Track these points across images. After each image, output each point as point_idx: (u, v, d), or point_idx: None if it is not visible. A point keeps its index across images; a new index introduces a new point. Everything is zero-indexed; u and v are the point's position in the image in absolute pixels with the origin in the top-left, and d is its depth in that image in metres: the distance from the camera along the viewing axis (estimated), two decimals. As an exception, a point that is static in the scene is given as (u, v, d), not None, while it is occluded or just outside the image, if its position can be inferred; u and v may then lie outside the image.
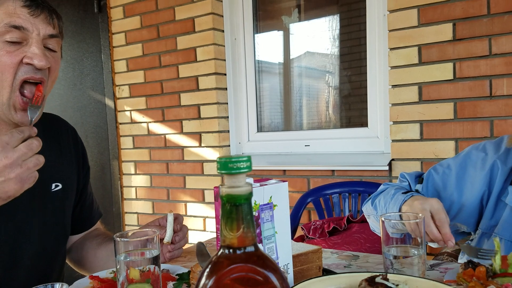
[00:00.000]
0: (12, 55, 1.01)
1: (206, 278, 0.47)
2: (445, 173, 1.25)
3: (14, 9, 1.01)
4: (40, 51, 1.03)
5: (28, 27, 1.02)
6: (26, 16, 1.02)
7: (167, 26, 2.96)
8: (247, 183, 0.47)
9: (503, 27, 1.97)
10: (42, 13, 1.05)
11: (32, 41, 1.03)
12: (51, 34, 1.07)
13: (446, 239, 1.01)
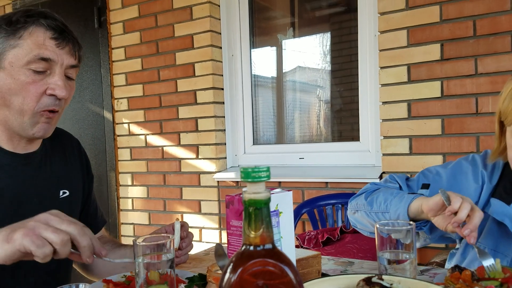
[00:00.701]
0: (38, 85, 1.09)
1: (231, 272, 0.55)
2: (435, 179, 1.29)
3: (43, 40, 1.08)
4: (62, 82, 1.11)
5: (55, 58, 1.10)
6: (53, 47, 1.09)
7: (166, 42, 3.06)
8: (266, 189, 0.56)
9: (488, 48, 2.09)
10: (67, 45, 1.12)
11: (55, 71, 1.11)
12: (73, 65, 1.15)
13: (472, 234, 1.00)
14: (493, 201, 1.19)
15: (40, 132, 1.15)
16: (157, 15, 3.07)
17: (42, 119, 1.13)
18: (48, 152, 1.28)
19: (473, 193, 1.23)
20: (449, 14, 2.16)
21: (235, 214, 0.87)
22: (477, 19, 2.10)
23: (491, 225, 1.19)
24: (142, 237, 0.90)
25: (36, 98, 1.10)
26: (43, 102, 1.11)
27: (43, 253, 0.87)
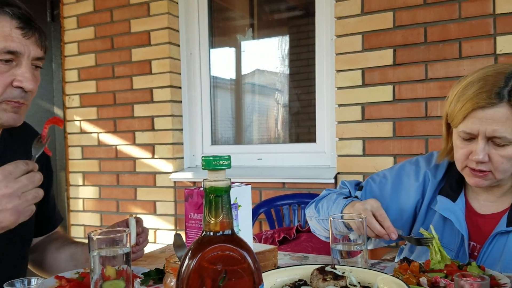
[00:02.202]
0: (4, 76, 1.04)
1: (190, 258, 0.55)
2: (381, 182, 1.36)
3: (9, 30, 1.04)
4: (30, 74, 1.07)
5: (21, 50, 1.05)
6: (19, 38, 1.05)
7: (122, 38, 2.99)
8: (227, 178, 0.56)
9: (438, 54, 2.20)
10: (33, 35, 1.08)
11: (22, 63, 1.06)
12: (40, 57, 1.10)
13: (390, 231, 1.10)
14: (439, 198, 1.26)
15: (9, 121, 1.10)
16: (112, 10, 3.00)
17: (9, 108, 1.08)
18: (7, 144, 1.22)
19: (414, 191, 1.31)
20: (402, 21, 2.25)
21: (194, 207, 0.86)
22: (428, 26, 2.20)
23: (438, 221, 1.26)
24: (98, 231, 0.87)
25: (1, 89, 1.05)
26: (8, 93, 1.06)
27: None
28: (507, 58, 2.04)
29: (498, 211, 1.22)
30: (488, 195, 1.24)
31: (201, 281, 0.54)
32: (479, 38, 2.10)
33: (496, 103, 1.08)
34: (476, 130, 1.10)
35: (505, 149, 1.10)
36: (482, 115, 1.09)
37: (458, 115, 1.14)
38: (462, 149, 1.16)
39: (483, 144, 1.10)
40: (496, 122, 1.08)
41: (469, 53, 2.12)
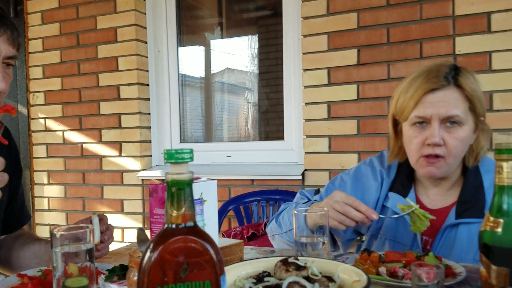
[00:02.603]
0: None
1: (151, 251, 0.56)
2: (341, 185, 1.39)
3: None
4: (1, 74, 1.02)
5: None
6: None
7: (88, 35, 2.94)
8: (189, 171, 0.57)
9: (400, 54, 2.27)
10: (5, 33, 1.03)
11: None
12: (12, 56, 1.06)
13: (369, 213, 1.08)
14: (391, 195, 1.31)
15: None
16: (78, 6, 2.95)
17: None
18: None
19: (375, 190, 1.35)
20: (366, 21, 2.32)
21: (159, 202, 0.87)
22: (390, 27, 2.27)
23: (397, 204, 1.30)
24: (60, 227, 0.87)
25: None
26: None
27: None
28: (466, 59, 2.13)
29: (446, 205, 1.27)
30: (437, 189, 1.29)
31: (162, 273, 0.55)
32: (439, 38, 2.18)
33: (445, 85, 1.15)
34: (429, 113, 1.15)
35: (457, 131, 1.16)
36: (433, 99, 1.15)
37: (409, 104, 1.19)
38: (416, 138, 1.19)
39: (438, 126, 1.15)
40: (447, 103, 1.14)
41: (430, 53, 2.20)
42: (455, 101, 1.15)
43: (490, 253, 0.77)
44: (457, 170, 1.27)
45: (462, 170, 1.28)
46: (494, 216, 0.77)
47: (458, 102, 1.15)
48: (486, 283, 0.78)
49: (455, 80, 1.16)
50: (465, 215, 1.20)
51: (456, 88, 1.16)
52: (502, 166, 0.76)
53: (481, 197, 1.21)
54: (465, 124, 1.17)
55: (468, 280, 1.01)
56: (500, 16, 2.05)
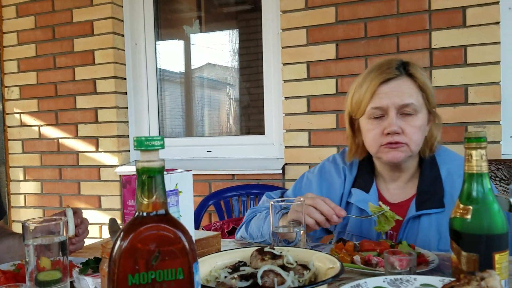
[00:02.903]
0: None
1: (122, 239, 0.55)
2: (307, 184, 1.42)
3: None
4: None
5: None
6: None
7: (64, 28, 2.88)
8: (160, 158, 0.57)
9: (377, 49, 2.29)
10: None
11: None
12: None
13: (338, 210, 1.10)
14: (354, 191, 1.34)
15: None
16: None
17: None
18: None
19: (339, 186, 1.38)
20: (344, 16, 2.33)
21: (132, 194, 0.86)
22: (368, 22, 2.29)
23: (355, 213, 1.33)
24: (33, 219, 0.85)
25: None
26: None
27: None
28: (442, 53, 2.16)
29: (406, 198, 1.30)
30: (396, 183, 1.32)
31: (133, 262, 0.54)
32: (416, 33, 2.21)
33: (398, 75, 1.21)
34: (385, 104, 1.19)
35: (413, 120, 1.20)
36: (387, 89, 1.20)
37: (365, 97, 1.22)
38: (374, 129, 1.23)
39: (395, 115, 1.19)
40: (401, 92, 1.19)
41: (406, 48, 2.23)
42: (409, 90, 1.20)
43: (460, 239, 0.79)
44: (414, 162, 1.31)
45: (418, 162, 1.32)
46: (464, 203, 0.79)
47: (411, 91, 1.20)
48: (457, 269, 0.80)
49: (406, 71, 1.22)
50: (425, 207, 1.23)
51: (408, 78, 1.21)
52: (471, 154, 0.78)
53: (439, 187, 1.24)
54: (420, 112, 1.21)
55: (440, 268, 1.03)
56: (475, 10, 2.09)
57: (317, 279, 0.79)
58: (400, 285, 0.78)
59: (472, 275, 0.67)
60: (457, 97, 2.14)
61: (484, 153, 0.78)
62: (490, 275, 0.66)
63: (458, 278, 0.69)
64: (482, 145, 0.77)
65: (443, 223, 1.22)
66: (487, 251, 0.77)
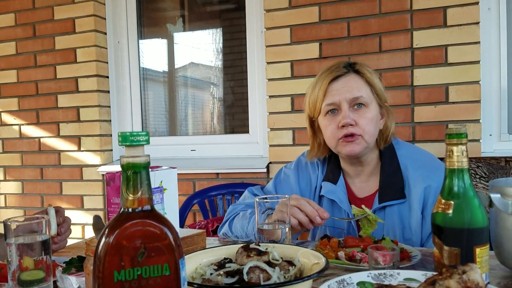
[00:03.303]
0: None
1: (107, 236, 0.54)
2: (285, 179, 1.48)
3: None
4: None
5: None
6: None
7: (45, 25, 2.84)
8: (145, 154, 0.56)
9: (360, 48, 2.31)
10: None
11: None
12: None
13: (321, 211, 1.15)
14: (323, 184, 1.41)
15: None
16: (34, -4, 2.85)
17: None
18: None
19: (314, 180, 1.45)
20: (327, 15, 2.35)
21: (116, 192, 0.86)
22: (351, 21, 2.31)
23: (327, 205, 1.40)
24: (15, 218, 0.84)
25: None
26: None
27: None
28: (423, 52, 2.20)
29: (371, 193, 1.37)
30: (360, 178, 1.39)
31: (119, 258, 0.54)
32: (398, 32, 2.23)
33: (346, 72, 1.31)
34: (337, 99, 1.28)
35: (365, 112, 1.28)
36: (338, 86, 1.29)
37: (319, 96, 1.31)
38: (331, 124, 1.31)
39: (347, 109, 1.27)
40: (351, 87, 1.28)
41: (388, 47, 2.25)
42: (357, 85, 1.29)
43: (442, 234, 0.80)
44: (373, 155, 1.37)
45: (379, 156, 1.38)
46: (445, 199, 0.81)
47: (360, 86, 1.29)
48: (439, 263, 0.82)
49: (354, 68, 1.32)
50: (387, 199, 1.30)
51: (356, 74, 1.31)
52: (452, 150, 0.79)
53: (399, 179, 1.31)
54: (370, 105, 1.29)
55: (423, 263, 1.05)
56: (456, 10, 2.13)
57: (302, 275, 0.80)
58: (384, 279, 0.79)
59: (454, 269, 0.68)
60: (438, 96, 2.18)
61: (465, 149, 0.79)
62: (471, 268, 0.68)
63: (440, 272, 0.70)
64: (462, 141, 0.79)
65: (405, 213, 1.28)
66: (469, 245, 0.78)
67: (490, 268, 0.86)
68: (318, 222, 1.13)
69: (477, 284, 0.66)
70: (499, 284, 0.87)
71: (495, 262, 0.97)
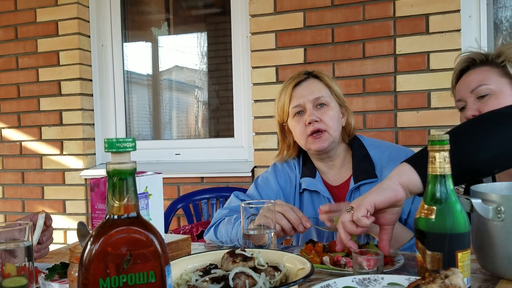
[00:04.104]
0: None
1: (92, 243, 0.54)
2: (265, 183, 1.55)
3: None
4: None
5: None
6: None
7: (27, 28, 2.80)
8: (132, 160, 0.56)
9: (344, 54, 2.34)
10: None
11: None
12: None
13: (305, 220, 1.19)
14: (302, 180, 1.51)
15: None
16: (16, -2, 2.81)
17: None
18: None
19: (294, 179, 1.54)
20: (312, 21, 2.37)
21: (101, 197, 0.85)
22: (335, 27, 2.34)
23: (308, 200, 1.49)
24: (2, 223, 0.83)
25: None
26: None
27: None
28: (406, 58, 2.23)
29: (346, 179, 1.49)
30: (332, 171, 1.50)
31: (104, 265, 0.53)
32: (381, 39, 2.27)
33: (307, 77, 1.47)
34: (302, 101, 1.42)
35: (327, 110, 1.42)
36: (300, 90, 1.44)
37: (285, 101, 1.45)
38: (299, 124, 1.43)
39: (311, 108, 1.41)
40: (312, 89, 1.43)
41: (372, 53, 2.28)
42: (317, 87, 1.44)
43: (425, 239, 0.82)
44: (340, 148, 1.50)
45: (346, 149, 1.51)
46: (428, 204, 0.82)
47: (320, 88, 1.44)
48: (422, 268, 0.83)
49: (313, 74, 1.48)
50: (361, 178, 1.43)
51: (315, 78, 1.47)
52: (434, 156, 0.81)
53: (369, 162, 1.45)
54: (331, 103, 1.44)
55: (406, 267, 1.06)
56: (438, 18, 2.17)
57: (288, 280, 0.80)
58: (368, 284, 0.80)
59: (436, 273, 0.69)
60: (420, 102, 2.21)
61: (447, 155, 0.81)
62: (453, 273, 0.69)
63: (423, 277, 0.71)
64: (445, 148, 0.80)
65: None
66: (451, 249, 0.80)
67: (471, 272, 0.88)
68: (300, 230, 1.18)
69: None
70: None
71: (476, 266, 0.99)
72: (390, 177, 0.95)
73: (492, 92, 1.30)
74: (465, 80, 1.37)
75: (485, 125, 0.98)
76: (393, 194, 0.92)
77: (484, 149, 0.94)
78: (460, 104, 1.39)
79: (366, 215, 0.92)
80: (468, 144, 0.95)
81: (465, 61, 1.38)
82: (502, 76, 1.31)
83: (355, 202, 0.95)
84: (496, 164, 0.96)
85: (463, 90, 1.36)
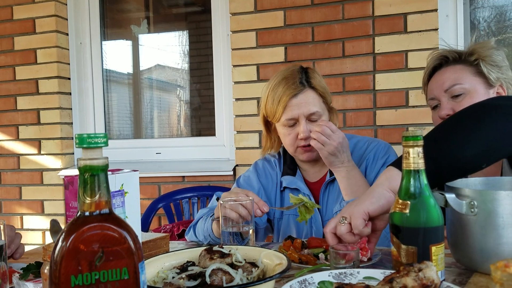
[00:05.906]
0: None
1: (63, 240, 0.53)
2: (248, 182, 1.57)
3: None
4: None
5: None
6: None
7: (4, 25, 2.75)
8: (103, 156, 0.56)
9: (324, 53, 2.35)
10: None
11: None
12: None
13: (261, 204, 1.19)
14: (283, 179, 1.54)
15: None
16: (-8, -5, 2.75)
17: None
18: None
19: (275, 178, 1.57)
20: (292, 20, 2.38)
21: (75, 195, 0.84)
22: (315, 26, 2.35)
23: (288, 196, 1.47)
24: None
25: None
26: None
27: None
28: (384, 57, 2.26)
29: (323, 176, 1.53)
30: (314, 169, 1.53)
31: (76, 262, 0.53)
32: (360, 38, 2.29)
33: (302, 89, 1.41)
34: (296, 114, 1.40)
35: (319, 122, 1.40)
36: (297, 102, 1.40)
37: (278, 110, 1.41)
38: (290, 134, 1.43)
39: (305, 123, 1.40)
40: (308, 103, 1.40)
41: (351, 52, 2.30)
42: (313, 101, 1.41)
43: (400, 233, 0.83)
44: None
45: None
46: (402, 199, 0.83)
47: (315, 101, 1.42)
48: (397, 262, 0.84)
49: (309, 83, 1.42)
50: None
51: (311, 90, 1.42)
52: (408, 152, 0.82)
53: None
54: (323, 115, 1.44)
55: (383, 262, 1.07)
56: (415, 17, 2.20)
57: (265, 276, 0.80)
58: (345, 278, 0.80)
59: (410, 267, 0.71)
60: (398, 100, 2.24)
61: (421, 150, 0.82)
62: (427, 266, 0.70)
63: (398, 270, 0.72)
64: (418, 143, 0.81)
65: None
66: (425, 243, 0.81)
67: (446, 265, 0.89)
68: (258, 214, 1.19)
69: (433, 281, 0.69)
70: (455, 281, 0.91)
71: (451, 260, 1.00)
72: (380, 183, 0.95)
73: (466, 91, 1.32)
74: (439, 79, 1.38)
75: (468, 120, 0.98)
76: (386, 202, 0.94)
77: (472, 145, 0.94)
78: (433, 103, 1.40)
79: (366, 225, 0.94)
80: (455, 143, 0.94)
81: (437, 58, 1.40)
82: (475, 75, 1.33)
83: (346, 211, 0.95)
84: (484, 158, 0.96)
85: (437, 88, 1.37)
